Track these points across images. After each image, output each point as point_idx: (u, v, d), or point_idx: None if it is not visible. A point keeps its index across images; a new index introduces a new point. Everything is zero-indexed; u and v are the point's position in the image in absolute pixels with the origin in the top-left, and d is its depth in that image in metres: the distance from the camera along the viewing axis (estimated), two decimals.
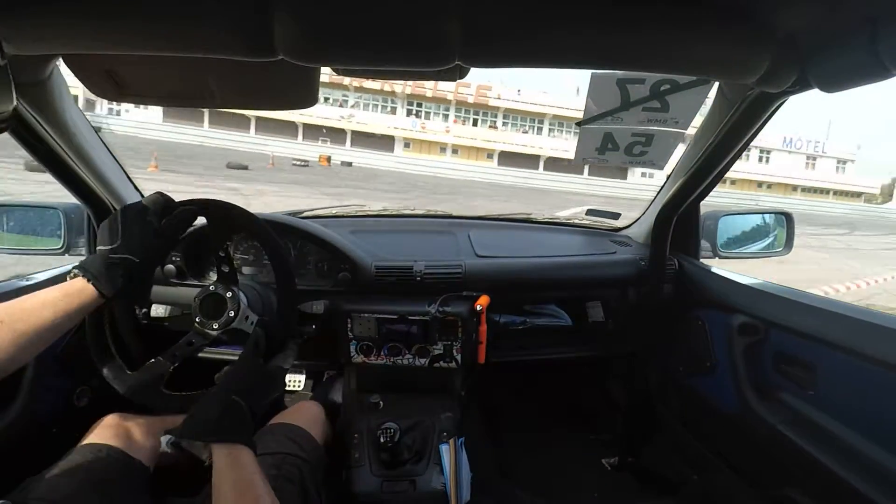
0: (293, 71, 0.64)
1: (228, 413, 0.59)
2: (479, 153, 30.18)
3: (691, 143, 1.10)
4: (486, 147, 29.96)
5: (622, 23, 0.56)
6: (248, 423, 0.60)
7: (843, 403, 0.81)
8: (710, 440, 1.16)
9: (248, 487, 0.54)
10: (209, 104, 0.85)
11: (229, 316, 0.81)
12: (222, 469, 0.54)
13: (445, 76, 0.67)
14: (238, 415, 0.59)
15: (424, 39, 0.56)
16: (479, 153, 30.18)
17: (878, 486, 0.71)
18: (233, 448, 0.56)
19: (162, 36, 0.58)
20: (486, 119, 30.79)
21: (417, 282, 1.12)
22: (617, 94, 0.85)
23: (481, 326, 1.12)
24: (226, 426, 0.58)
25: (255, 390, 0.64)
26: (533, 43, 0.58)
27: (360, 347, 1.13)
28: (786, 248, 1.30)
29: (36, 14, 0.55)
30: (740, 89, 0.83)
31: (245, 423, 0.60)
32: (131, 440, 0.81)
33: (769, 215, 1.39)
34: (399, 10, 0.53)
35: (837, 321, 0.82)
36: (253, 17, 0.54)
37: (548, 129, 31.18)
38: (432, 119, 30.53)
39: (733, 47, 0.59)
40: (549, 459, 1.41)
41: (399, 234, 1.39)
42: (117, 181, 1.10)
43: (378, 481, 0.97)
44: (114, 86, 0.79)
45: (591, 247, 1.38)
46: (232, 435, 0.57)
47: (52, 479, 0.68)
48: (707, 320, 1.14)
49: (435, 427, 1.07)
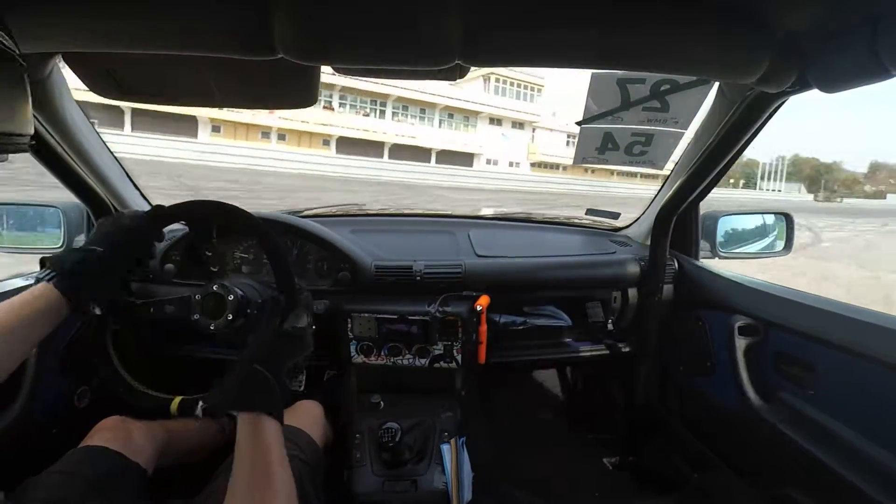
0: (293, 70, 0.64)
1: (250, 383, 0.59)
2: (313, 139, 25.00)
3: (691, 142, 1.10)
4: (321, 132, 24.81)
5: (622, 23, 0.56)
6: (271, 390, 0.60)
7: (843, 403, 0.81)
8: (710, 440, 1.16)
9: (262, 457, 0.55)
10: (209, 103, 0.85)
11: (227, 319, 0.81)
12: (242, 437, 0.56)
13: (445, 75, 0.67)
14: (260, 384, 0.59)
15: (424, 39, 0.56)
16: (313, 139, 25.00)
17: (878, 485, 0.71)
18: (255, 417, 0.57)
19: (162, 35, 0.58)
20: (321, 99, 26.63)
21: (417, 281, 1.12)
22: (617, 93, 0.86)
23: (481, 326, 1.12)
24: (247, 396, 0.58)
25: (276, 356, 0.64)
26: (533, 42, 0.58)
27: (360, 347, 1.13)
28: (785, 248, 1.30)
29: (36, 13, 0.55)
30: (740, 89, 0.83)
31: (267, 391, 0.59)
32: (131, 443, 0.81)
33: (769, 215, 1.39)
34: (399, 10, 0.53)
35: (837, 321, 0.82)
36: (253, 16, 0.54)
37: (391, 113, 26.47)
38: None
39: (733, 47, 0.59)
40: (549, 459, 1.41)
41: (399, 233, 1.39)
42: (117, 180, 1.10)
43: (379, 481, 0.97)
44: (114, 85, 0.79)
45: (590, 247, 1.38)
46: (253, 404, 0.58)
47: (52, 481, 0.68)
48: (707, 320, 1.14)
49: (436, 427, 1.07)
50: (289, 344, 0.67)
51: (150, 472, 0.82)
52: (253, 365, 0.61)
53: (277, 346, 0.66)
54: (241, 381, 0.60)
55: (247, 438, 0.56)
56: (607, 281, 1.25)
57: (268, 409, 0.58)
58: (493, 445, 1.39)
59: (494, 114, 29.26)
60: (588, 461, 1.40)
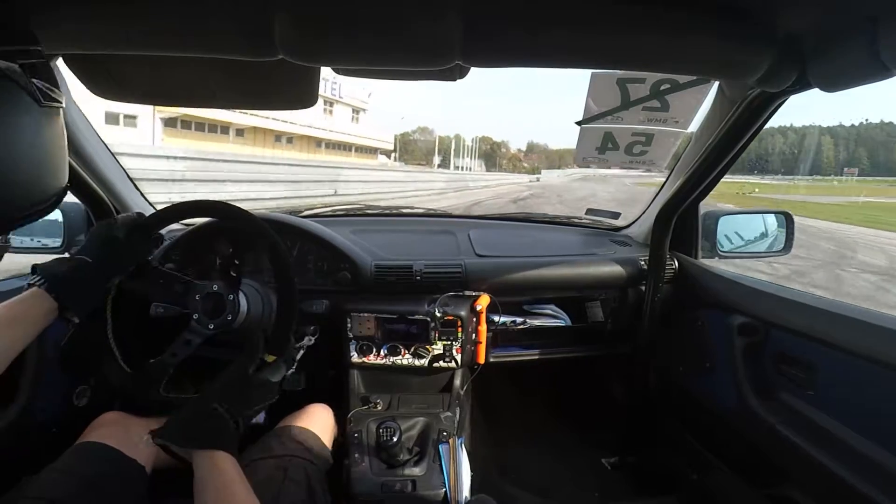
0: (293, 70, 0.64)
1: (206, 420, 0.60)
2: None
3: (691, 142, 1.10)
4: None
5: (622, 23, 0.56)
6: (227, 430, 0.60)
7: (842, 403, 0.81)
8: (710, 440, 1.16)
9: (225, 492, 0.54)
10: (209, 104, 0.85)
11: (227, 319, 0.82)
12: (201, 474, 0.55)
13: (445, 76, 0.67)
14: (216, 422, 0.60)
15: (425, 39, 0.56)
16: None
17: (877, 485, 0.71)
18: (211, 453, 0.56)
19: (163, 35, 0.58)
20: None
21: (417, 281, 1.12)
22: (617, 93, 0.85)
23: (481, 326, 1.12)
24: (201, 433, 0.58)
25: (239, 399, 0.64)
26: (533, 42, 0.58)
27: (360, 347, 1.13)
28: (785, 247, 1.30)
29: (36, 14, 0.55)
30: (740, 89, 0.83)
31: (223, 430, 0.59)
32: (129, 440, 0.81)
33: (769, 215, 1.39)
34: (399, 10, 0.53)
35: (837, 321, 0.82)
36: (253, 17, 0.54)
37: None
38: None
39: (734, 47, 0.59)
40: (549, 459, 1.41)
41: (399, 233, 1.39)
42: (117, 180, 1.10)
43: (378, 481, 0.97)
44: (114, 86, 0.79)
45: (591, 246, 1.38)
46: (207, 441, 0.57)
47: (49, 478, 0.68)
48: (707, 320, 1.14)
49: (435, 427, 1.07)
50: (256, 393, 0.67)
51: (149, 470, 0.82)
52: (211, 404, 0.61)
53: (245, 393, 0.66)
54: (196, 418, 0.60)
55: (205, 473, 0.55)
56: (607, 281, 1.25)
57: (218, 447, 0.57)
58: (492, 445, 1.39)
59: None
60: (588, 461, 1.40)
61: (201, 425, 0.59)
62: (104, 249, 0.73)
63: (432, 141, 63.58)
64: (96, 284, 0.72)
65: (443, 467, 0.99)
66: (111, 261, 0.74)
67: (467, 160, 45.68)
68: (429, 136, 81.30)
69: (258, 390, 0.68)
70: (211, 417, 0.60)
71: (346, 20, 0.54)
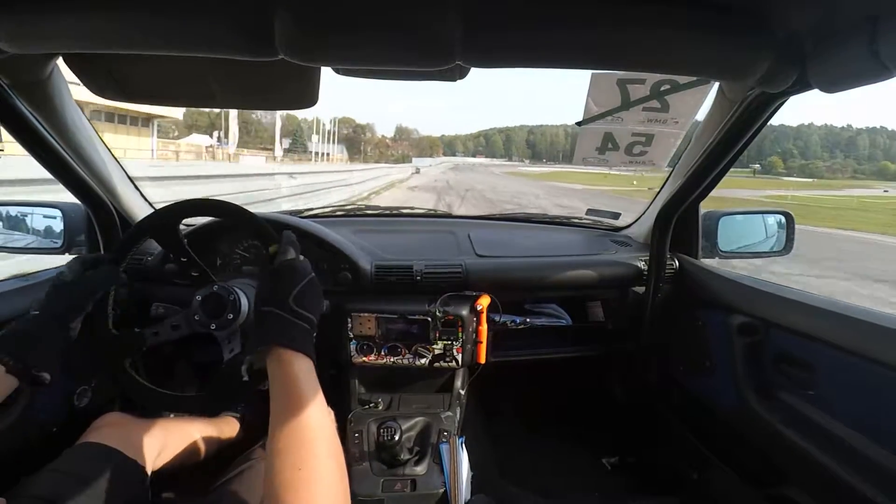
0: (293, 71, 0.64)
1: (262, 324, 0.62)
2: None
3: (691, 142, 1.10)
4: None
5: (622, 23, 0.56)
6: (283, 323, 0.61)
7: (842, 403, 0.81)
8: (710, 439, 1.16)
9: (293, 391, 0.55)
10: (210, 104, 0.85)
11: (228, 318, 0.82)
12: (272, 378, 0.57)
13: (445, 76, 0.67)
14: (271, 321, 0.61)
15: (425, 39, 0.56)
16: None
17: (877, 485, 0.71)
18: (278, 353, 0.58)
19: (163, 35, 0.58)
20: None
21: (418, 281, 1.12)
22: (617, 93, 0.85)
23: (481, 326, 1.12)
24: (261, 335, 0.61)
25: (276, 292, 0.65)
26: (533, 42, 0.58)
27: (360, 347, 1.13)
28: (786, 247, 1.30)
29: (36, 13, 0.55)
30: (740, 89, 0.83)
31: (280, 325, 0.60)
32: (130, 440, 0.81)
33: (769, 215, 1.39)
34: (399, 10, 0.53)
35: (837, 321, 0.81)
36: (253, 16, 0.54)
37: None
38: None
39: (733, 48, 0.59)
40: (549, 459, 1.41)
41: (399, 233, 1.39)
42: (117, 181, 1.10)
43: (378, 480, 0.97)
44: (114, 85, 0.79)
45: (591, 246, 1.38)
46: (267, 339, 0.59)
47: (49, 478, 0.68)
48: (707, 320, 1.14)
49: (435, 426, 1.07)
50: (284, 277, 0.67)
51: (149, 472, 0.82)
52: (260, 309, 0.62)
53: (274, 283, 0.66)
54: (258, 324, 0.63)
55: (275, 377, 0.57)
56: (608, 281, 1.25)
57: (283, 341, 0.59)
58: (493, 445, 1.39)
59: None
60: (588, 461, 1.40)
61: (263, 329, 0.61)
62: (49, 297, 0.74)
63: (273, 122, 49.58)
64: (52, 339, 0.72)
65: (443, 467, 0.99)
66: (60, 305, 0.74)
67: (326, 146, 40.60)
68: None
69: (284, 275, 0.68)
70: (267, 320, 0.62)
71: (346, 20, 0.54)
